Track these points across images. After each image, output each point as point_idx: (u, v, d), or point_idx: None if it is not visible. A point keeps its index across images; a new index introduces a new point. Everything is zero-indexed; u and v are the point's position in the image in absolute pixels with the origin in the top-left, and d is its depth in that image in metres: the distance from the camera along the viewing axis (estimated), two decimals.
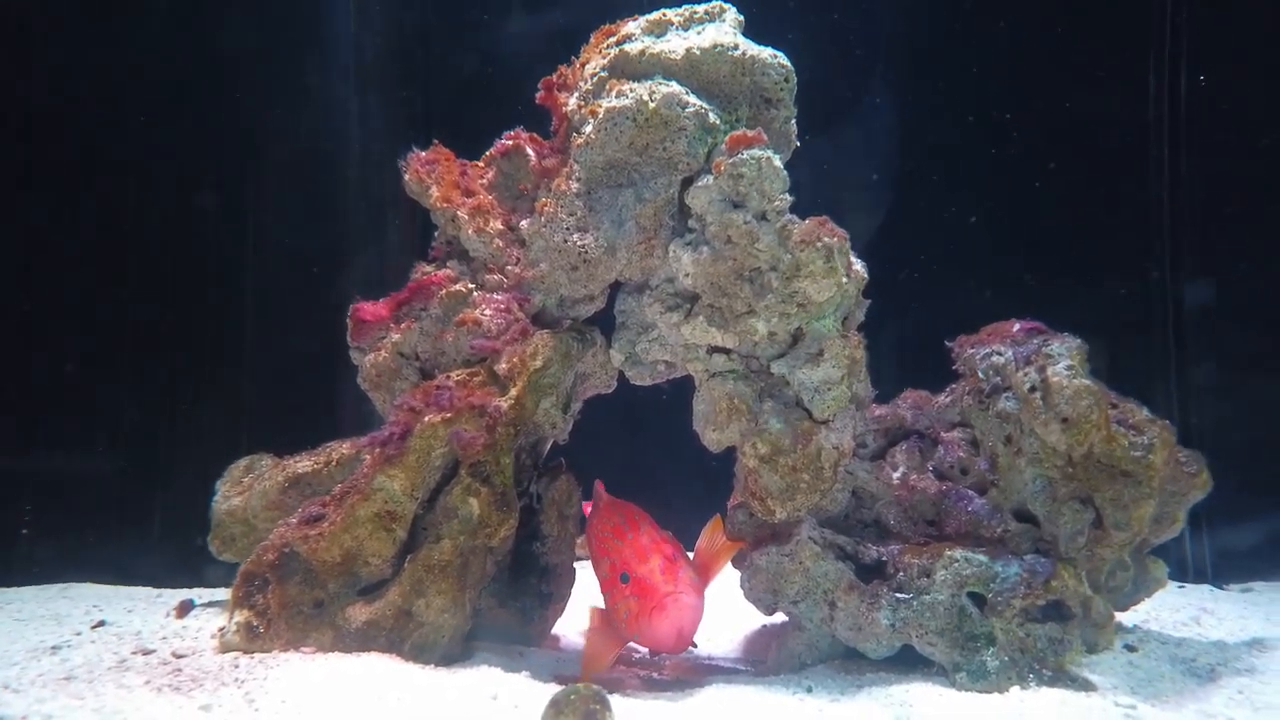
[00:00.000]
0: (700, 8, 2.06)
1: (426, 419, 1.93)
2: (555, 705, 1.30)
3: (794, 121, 2.08)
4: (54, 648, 1.74)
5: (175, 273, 3.05)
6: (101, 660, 1.66)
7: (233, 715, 1.39)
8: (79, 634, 1.89)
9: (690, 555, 2.02)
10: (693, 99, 1.93)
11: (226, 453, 2.36)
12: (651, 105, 1.90)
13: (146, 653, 1.74)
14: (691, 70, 1.96)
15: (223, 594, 2.36)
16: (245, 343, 3.10)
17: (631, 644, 2.02)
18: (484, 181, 2.19)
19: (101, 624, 1.98)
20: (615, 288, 2.15)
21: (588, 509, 2.26)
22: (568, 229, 1.98)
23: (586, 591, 2.36)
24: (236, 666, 1.66)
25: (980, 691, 1.65)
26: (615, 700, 1.58)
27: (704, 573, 1.99)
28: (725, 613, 2.37)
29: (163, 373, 3.02)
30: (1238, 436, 3.12)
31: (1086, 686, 1.62)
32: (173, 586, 2.61)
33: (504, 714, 1.48)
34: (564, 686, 1.40)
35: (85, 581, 2.67)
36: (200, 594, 2.41)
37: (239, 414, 3.04)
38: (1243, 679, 1.67)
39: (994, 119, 3.33)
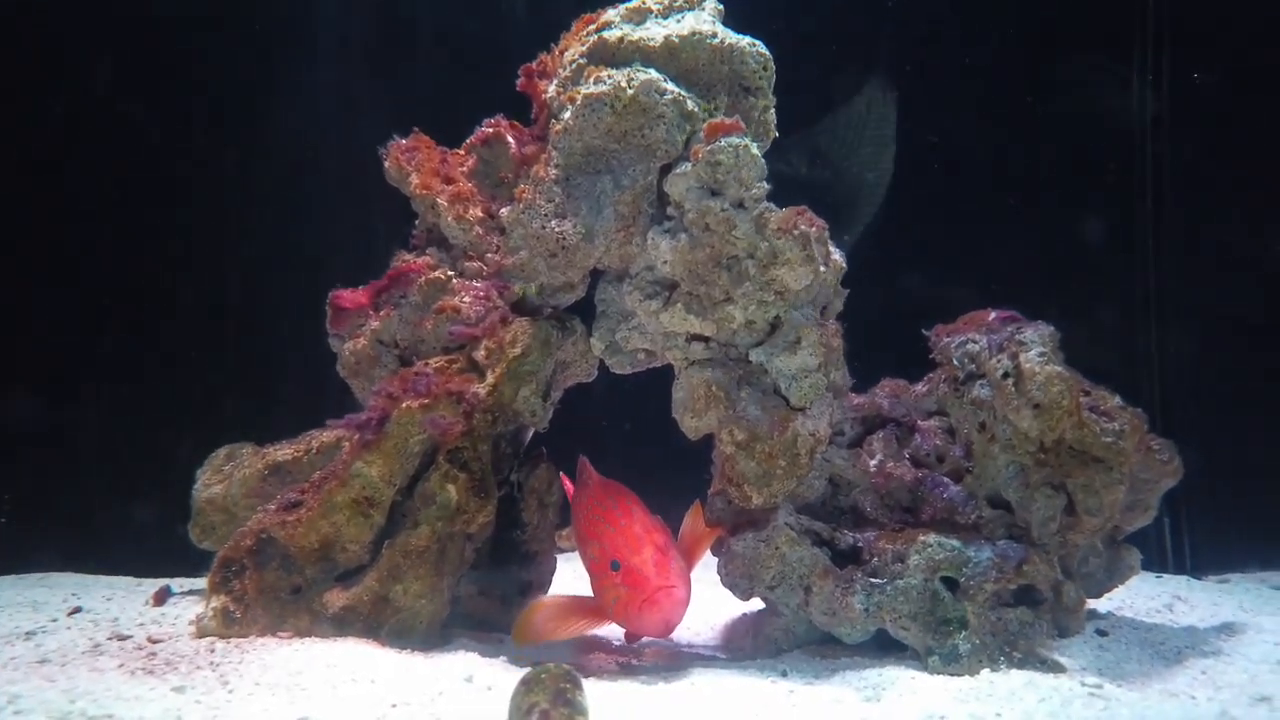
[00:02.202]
0: None
1: (404, 405, 1.93)
2: (526, 684, 1.31)
3: (773, 111, 2.09)
4: (29, 633, 1.74)
5: (158, 262, 3.04)
6: (76, 645, 1.66)
7: (206, 696, 1.40)
8: (55, 620, 1.89)
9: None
10: (671, 86, 1.94)
11: (208, 441, 2.35)
12: (630, 92, 1.91)
13: (122, 638, 1.74)
14: (670, 58, 1.97)
15: (201, 582, 2.35)
16: (228, 331, 3.09)
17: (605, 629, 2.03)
18: (464, 169, 2.19)
19: (78, 610, 1.98)
20: (596, 276, 2.16)
21: (567, 483, 2.27)
22: (546, 216, 1.99)
23: (567, 580, 2.37)
24: (212, 651, 1.67)
25: (952, 674, 1.66)
26: (589, 684, 1.59)
27: (687, 559, 2.00)
28: (702, 599, 2.37)
29: (145, 361, 3.01)
30: (1220, 424, 3.16)
31: (1056, 668, 1.64)
32: (154, 575, 2.60)
33: (477, 695, 1.49)
34: (534, 667, 1.40)
35: (65, 570, 2.66)
36: (179, 582, 2.41)
37: (221, 402, 3.04)
38: (1208, 660, 1.69)
39: (977, 106, 3.35)
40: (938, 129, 3.36)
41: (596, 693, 1.50)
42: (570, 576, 2.49)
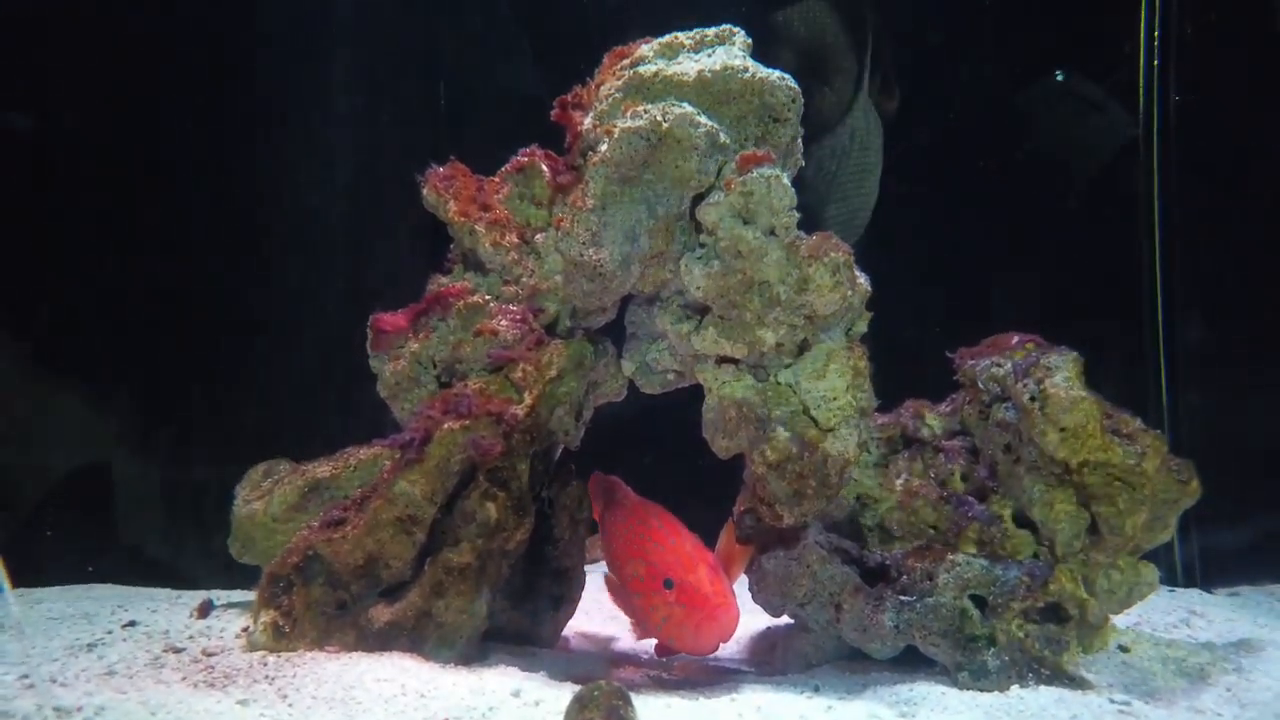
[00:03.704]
0: (710, 31, 2.14)
1: (445, 426, 2.00)
2: (580, 701, 1.36)
3: (800, 141, 2.16)
4: (89, 645, 1.80)
5: (197, 273, 3.10)
6: (136, 658, 1.72)
7: (268, 710, 1.46)
8: (110, 632, 1.95)
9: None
10: (704, 119, 2.00)
11: (244, 457, 2.41)
12: (665, 125, 1.97)
13: (177, 651, 1.80)
14: (703, 91, 2.04)
15: (239, 595, 2.42)
16: (263, 349, 3.15)
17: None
18: (499, 196, 2.26)
19: (132, 624, 2.04)
20: (626, 299, 2.22)
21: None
22: (584, 244, 2.06)
23: (594, 593, 2.42)
24: (265, 664, 1.73)
25: (981, 690, 1.72)
26: (635, 699, 1.65)
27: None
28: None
29: (180, 377, 3.06)
30: (1225, 442, 3.20)
31: (1083, 685, 1.70)
32: (190, 588, 2.66)
33: (527, 710, 1.55)
34: (586, 684, 1.46)
35: (106, 582, 2.72)
36: (218, 595, 2.47)
37: (257, 419, 3.10)
38: (1231, 678, 1.75)
39: (986, 137, 3.41)
40: (942, 147, 3.43)
41: (644, 708, 1.55)
42: (597, 590, 2.54)
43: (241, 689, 1.55)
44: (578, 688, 1.47)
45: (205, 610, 2.27)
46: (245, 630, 1.97)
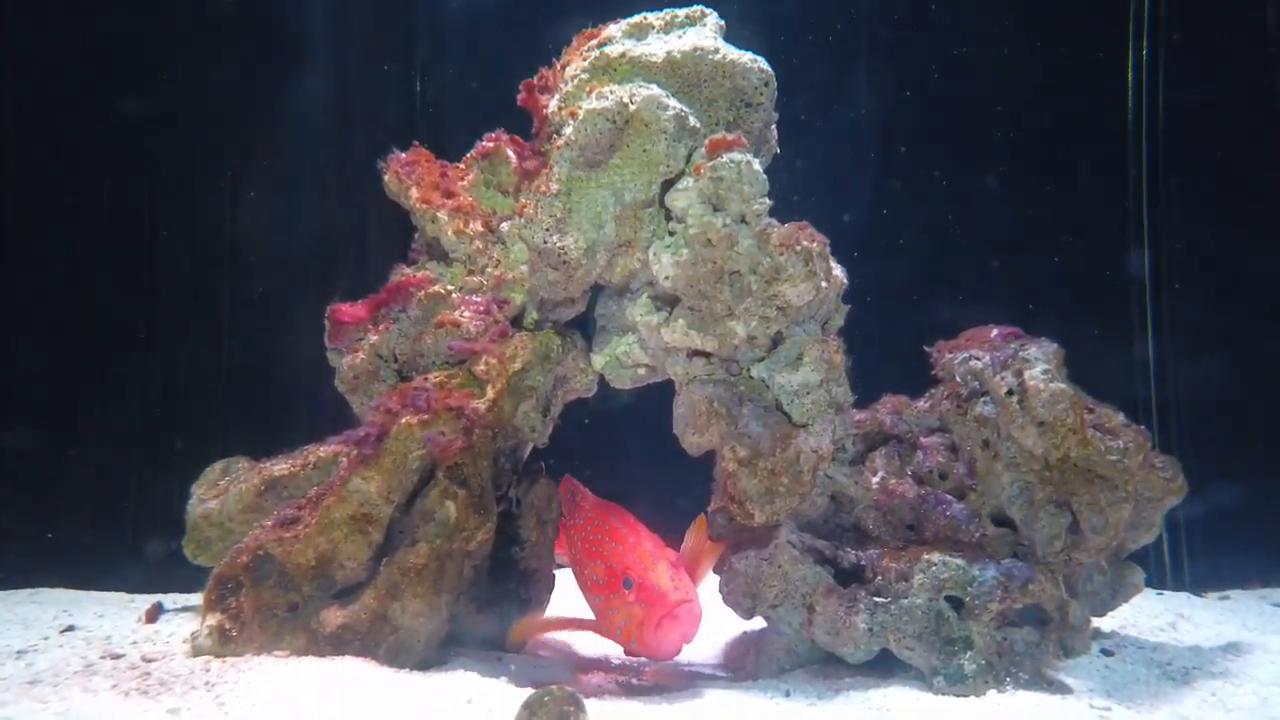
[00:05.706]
0: (681, 12, 2.07)
1: (403, 421, 1.92)
2: (529, 707, 1.29)
3: (774, 126, 2.09)
4: (19, 652, 1.71)
5: (156, 274, 3.02)
6: (68, 664, 1.63)
7: (201, 718, 1.37)
8: (46, 638, 1.86)
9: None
10: (673, 102, 1.93)
11: (202, 455, 2.33)
12: (632, 108, 1.90)
13: (115, 657, 1.72)
14: (672, 73, 1.97)
15: (194, 598, 2.33)
16: (223, 343, 3.07)
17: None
18: (464, 183, 2.18)
19: (70, 629, 1.96)
20: (596, 291, 2.15)
21: None
22: (547, 230, 1.98)
23: (566, 597, 2.35)
24: (207, 670, 1.64)
25: (957, 695, 1.65)
26: (592, 704, 1.57)
27: (691, 575, 1.99)
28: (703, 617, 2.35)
29: (138, 376, 2.98)
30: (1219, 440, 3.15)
31: (1063, 690, 1.63)
32: (146, 591, 2.57)
33: (478, 718, 1.47)
34: (537, 689, 1.38)
35: (55, 586, 2.63)
36: (172, 598, 2.38)
37: (215, 416, 3.01)
38: (1216, 682, 1.68)
39: (967, 117, 3.36)
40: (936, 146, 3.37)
41: (599, 714, 1.48)
42: (569, 592, 2.47)
43: (176, 697, 1.47)
44: None
45: (154, 614, 2.19)
46: (192, 635, 1.88)
